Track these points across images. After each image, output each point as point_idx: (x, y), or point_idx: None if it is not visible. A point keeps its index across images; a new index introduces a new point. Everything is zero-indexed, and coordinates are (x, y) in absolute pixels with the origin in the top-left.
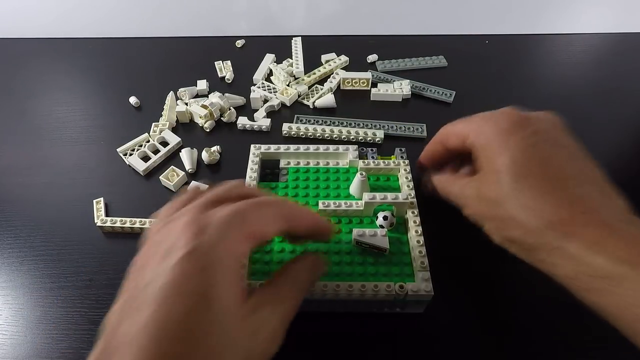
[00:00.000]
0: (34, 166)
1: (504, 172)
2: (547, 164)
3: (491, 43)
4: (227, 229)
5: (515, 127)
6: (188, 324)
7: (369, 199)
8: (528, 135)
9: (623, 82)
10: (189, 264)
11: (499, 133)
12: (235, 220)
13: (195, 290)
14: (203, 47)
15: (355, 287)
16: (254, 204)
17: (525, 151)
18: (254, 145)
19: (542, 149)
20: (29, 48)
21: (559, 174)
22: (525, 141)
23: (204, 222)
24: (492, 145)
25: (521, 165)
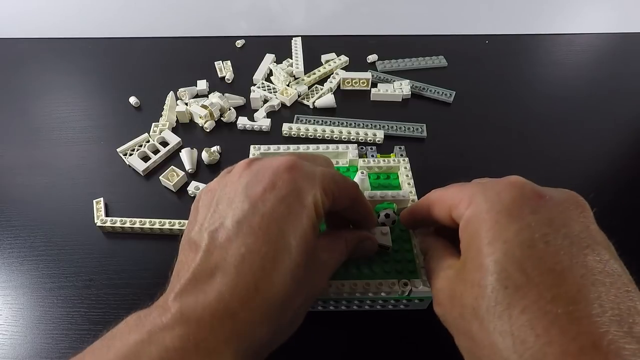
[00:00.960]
0: (34, 166)
1: (491, 274)
2: (559, 274)
3: (491, 43)
4: (319, 182)
5: (521, 208)
6: (285, 254)
7: (370, 197)
8: (537, 222)
9: (623, 82)
10: (293, 200)
11: (497, 212)
12: (324, 177)
13: (295, 225)
14: (203, 47)
15: (359, 285)
16: (338, 173)
17: (527, 247)
18: (253, 146)
19: (554, 249)
20: (29, 48)
21: (575, 294)
22: (531, 232)
23: (303, 168)
24: (482, 228)
25: (517, 268)
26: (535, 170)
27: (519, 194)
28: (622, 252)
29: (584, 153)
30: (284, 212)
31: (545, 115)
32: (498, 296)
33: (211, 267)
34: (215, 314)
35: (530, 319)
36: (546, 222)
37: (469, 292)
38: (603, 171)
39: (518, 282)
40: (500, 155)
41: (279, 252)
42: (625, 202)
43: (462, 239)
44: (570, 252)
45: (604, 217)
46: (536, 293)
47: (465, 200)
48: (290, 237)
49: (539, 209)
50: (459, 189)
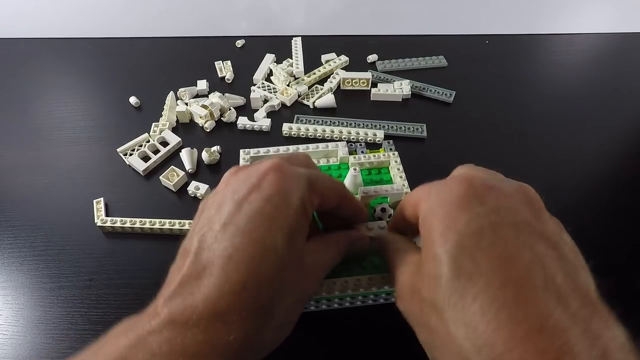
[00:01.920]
0: (34, 166)
1: (444, 264)
2: (506, 261)
3: (491, 43)
4: (306, 183)
5: (469, 199)
6: (272, 254)
7: (365, 193)
8: (485, 213)
9: (623, 82)
10: (280, 200)
11: (447, 204)
12: (310, 178)
13: (282, 226)
14: (203, 47)
15: (350, 282)
16: (323, 174)
17: (477, 236)
18: (242, 150)
19: (502, 237)
20: (29, 48)
21: (523, 279)
22: (479, 221)
23: (288, 170)
24: (435, 221)
25: (468, 257)
26: (535, 170)
27: (468, 187)
28: (622, 252)
29: (584, 153)
30: (270, 212)
31: (545, 115)
32: (451, 286)
33: (199, 269)
34: (203, 316)
35: (481, 306)
36: (494, 211)
37: (426, 285)
38: (603, 171)
39: (469, 271)
40: (500, 155)
41: (266, 252)
42: (625, 202)
43: (421, 233)
44: (518, 238)
45: (604, 216)
46: (485, 280)
47: (424, 197)
48: (277, 236)
49: (487, 199)
50: (422, 188)
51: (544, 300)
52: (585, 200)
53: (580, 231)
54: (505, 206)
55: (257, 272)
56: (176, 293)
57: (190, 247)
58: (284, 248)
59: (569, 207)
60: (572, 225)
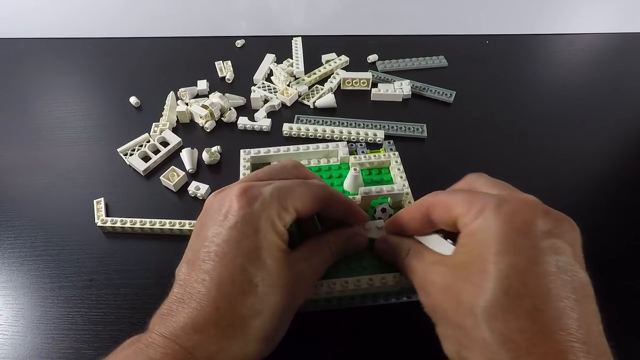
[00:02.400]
0: (35, 166)
1: (494, 279)
2: (549, 294)
3: (491, 43)
4: (270, 201)
5: (532, 229)
6: (243, 274)
7: (365, 193)
8: (549, 247)
9: (623, 82)
10: (243, 226)
11: (509, 228)
12: (278, 194)
13: (248, 248)
14: (203, 47)
15: (350, 283)
16: (296, 183)
17: (532, 265)
18: (243, 150)
19: (551, 271)
20: (29, 48)
21: (559, 311)
22: (537, 253)
23: (252, 193)
24: (492, 240)
25: (520, 280)
26: (535, 170)
27: (529, 213)
28: (622, 252)
29: (584, 153)
30: (236, 237)
31: (546, 115)
32: (497, 300)
33: (183, 294)
34: (186, 330)
35: (522, 325)
36: (552, 245)
37: (469, 290)
38: (603, 171)
39: (519, 292)
40: (500, 155)
41: (234, 275)
42: (625, 202)
43: (465, 243)
44: (562, 278)
45: (605, 217)
46: (532, 305)
47: (474, 210)
48: (245, 260)
49: (545, 229)
50: (468, 197)
51: (569, 334)
52: (586, 200)
53: (581, 231)
54: (560, 245)
55: (227, 293)
56: (165, 314)
57: (178, 273)
58: (252, 268)
59: (569, 207)
60: None
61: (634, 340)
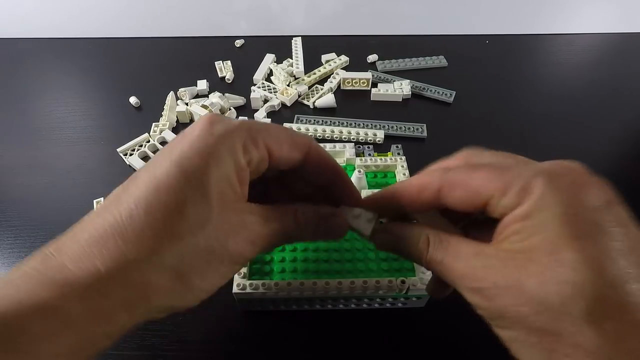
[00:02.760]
0: (35, 166)
1: (588, 269)
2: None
3: (491, 43)
4: (238, 127)
5: (596, 198)
6: (185, 196)
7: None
8: (617, 218)
9: (623, 82)
10: (200, 143)
11: (572, 204)
12: (250, 126)
13: (199, 166)
14: (203, 47)
15: (357, 284)
16: (274, 124)
17: (620, 240)
18: None
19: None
20: (29, 48)
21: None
22: (619, 226)
23: (217, 119)
24: (558, 222)
25: (620, 265)
26: None
27: (589, 184)
28: None
29: (584, 153)
30: (176, 161)
31: (546, 115)
32: (600, 295)
33: (101, 208)
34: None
35: (631, 320)
36: (619, 216)
37: (552, 288)
38: (603, 171)
39: (621, 278)
40: None
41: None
42: (625, 202)
43: (519, 230)
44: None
45: None
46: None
47: (514, 188)
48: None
49: (609, 201)
50: (499, 174)
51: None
52: None
53: None
54: (621, 205)
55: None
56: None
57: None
58: (192, 197)
59: None
60: None
61: None
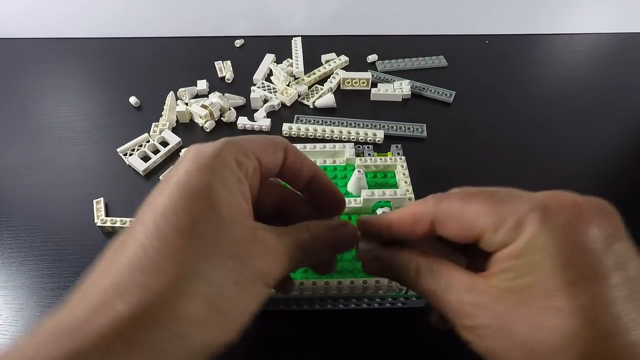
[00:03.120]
0: (34, 166)
1: (576, 317)
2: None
3: (491, 43)
4: (224, 144)
5: (593, 236)
6: (194, 214)
7: (367, 196)
8: (616, 257)
9: (623, 82)
10: (195, 164)
11: (567, 243)
12: (234, 139)
13: (202, 184)
14: (203, 47)
15: (357, 284)
16: (249, 136)
17: (614, 288)
18: None
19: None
20: (29, 48)
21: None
22: (613, 268)
23: (204, 144)
24: (551, 263)
25: (610, 314)
26: (535, 170)
27: (584, 221)
28: None
29: (584, 153)
30: (181, 179)
31: (546, 115)
32: (587, 349)
33: (115, 247)
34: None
35: None
36: (616, 256)
37: (542, 336)
38: (603, 172)
39: (609, 330)
40: (500, 155)
41: (168, 216)
42: (625, 202)
43: (510, 268)
44: (628, 272)
45: None
46: (626, 342)
47: (508, 223)
48: (189, 203)
49: (607, 237)
50: (492, 207)
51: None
52: None
53: None
54: (621, 245)
55: (167, 241)
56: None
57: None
58: (197, 214)
59: None
60: None
61: None
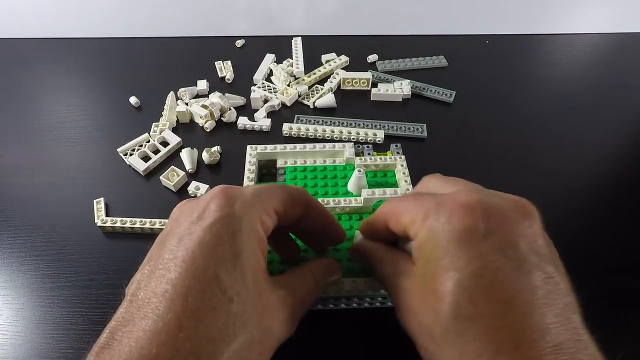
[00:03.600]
0: (35, 166)
1: (444, 302)
2: (505, 303)
3: (491, 43)
4: (253, 202)
5: (472, 235)
6: (214, 286)
7: (368, 195)
8: (488, 250)
9: (623, 82)
10: (222, 227)
11: (448, 239)
12: (260, 195)
13: (225, 254)
14: (203, 47)
15: (358, 283)
16: (276, 186)
17: (477, 277)
18: (250, 146)
19: (502, 277)
20: (29, 48)
21: (520, 323)
22: (482, 261)
23: (232, 192)
24: (436, 254)
25: (467, 299)
26: (535, 170)
27: (469, 219)
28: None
29: (584, 153)
30: (212, 241)
31: (546, 115)
32: (450, 324)
33: (133, 312)
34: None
35: (478, 348)
36: (496, 247)
37: (425, 313)
38: (603, 171)
39: (468, 313)
40: (500, 155)
41: (206, 285)
42: (625, 201)
43: (418, 258)
44: (518, 276)
45: (605, 216)
46: (484, 323)
47: (419, 217)
48: (219, 268)
49: (489, 233)
50: (413, 203)
51: (539, 343)
52: (586, 200)
53: (581, 231)
54: (507, 237)
55: (195, 308)
56: (105, 344)
57: (129, 290)
58: (229, 278)
59: (569, 208)
60: (573, 226)
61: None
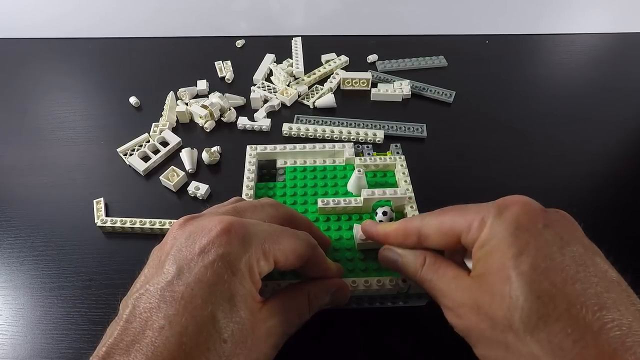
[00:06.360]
0: (35, 166)
1: (521, 285)
2: (581, 283)
3: (491, 43)
4: (256, 243)
5: (535, 224)
6: (210, 327)
7: (368, 195)
8: (552, 237)
9: (623, 82)
10: (222, 266)
11: (515, 229)
12: (264, 240)
13: (223, 295)
14: (203, 47)
15: (359, 283)
16: (287, 233)
17: (550, 259)
18: (250, 146)
19: (570, 260)
20: (29, 48)
21: (596, 299)
22: (549, 245)
23: (238, 230)
24: (503, 245)
25: (546, 279)
26: (535, 170)
27: (530, 211)
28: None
29: (584, 153)
30: (211, 279)
31: (546, 115)
32: (532, 306)
33: (127, 341)
34: None
35: (564, 326)
36: (557, 236)
37: (498, 304)
38: (603, 171)
39: (550, 292)
40: (501, 156)
41: (202, 326)
42: (625, 201)
43: (480, 257)
44: (584, 262)
45: (605, 216)
46: (567, 301)
47: (475, 223)
48: (217, 309)
49: (549, 224)
50: (461, 214)
51: (616, 322)
52: (586, 200)
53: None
54: (564, 230)
55: (190, 348)
56: None
57: (123, 311)
58: (225, 318)
59: (569, 207)
60: None
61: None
